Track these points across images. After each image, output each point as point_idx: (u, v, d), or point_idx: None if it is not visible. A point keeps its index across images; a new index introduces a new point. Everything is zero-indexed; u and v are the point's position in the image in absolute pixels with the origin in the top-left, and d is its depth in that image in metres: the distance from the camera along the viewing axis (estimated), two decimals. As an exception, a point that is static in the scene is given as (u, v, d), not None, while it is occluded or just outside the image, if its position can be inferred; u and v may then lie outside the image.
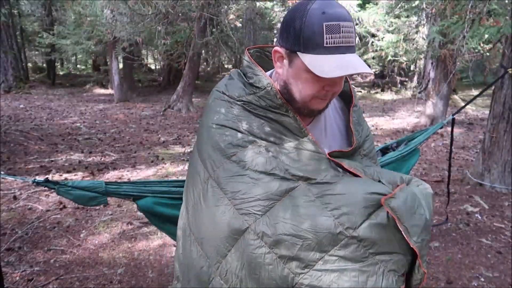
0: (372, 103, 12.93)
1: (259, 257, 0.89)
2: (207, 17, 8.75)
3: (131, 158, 5.53)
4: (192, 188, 1.04)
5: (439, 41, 7.15)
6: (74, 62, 21.96)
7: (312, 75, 0.89)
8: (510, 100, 3.95)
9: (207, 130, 1.03)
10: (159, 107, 10.94)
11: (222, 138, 0.99)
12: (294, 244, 0.87)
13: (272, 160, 0.95)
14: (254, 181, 0.93)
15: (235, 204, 0.93)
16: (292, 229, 0.88)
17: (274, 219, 0.89)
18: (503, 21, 3.95)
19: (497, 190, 4.10)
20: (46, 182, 1.68)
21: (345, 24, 0.86)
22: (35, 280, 2.47)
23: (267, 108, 0.99)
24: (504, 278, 2.57)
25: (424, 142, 2.59)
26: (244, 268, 0.91)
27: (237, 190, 0.93)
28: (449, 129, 2.85)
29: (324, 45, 0.86)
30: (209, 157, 1.00)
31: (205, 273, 0.97)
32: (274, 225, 0.89)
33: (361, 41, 13.51)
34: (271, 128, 0.98)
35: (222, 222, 0.93)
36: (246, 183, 0.93)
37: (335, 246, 0.87)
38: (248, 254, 0.90)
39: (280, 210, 0.90)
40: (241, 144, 0.97)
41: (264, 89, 0.98)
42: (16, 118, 8.32)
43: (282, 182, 0.93)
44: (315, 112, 1.01)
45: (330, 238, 0.87)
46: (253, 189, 0.92)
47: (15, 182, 4.14)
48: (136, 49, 13.16)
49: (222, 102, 1.03)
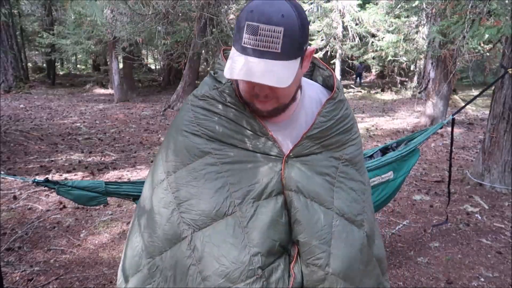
0: (372, 103, 12.93)
1: (186, 266, 0.95)
2: (207, 17, 8.75)
3: (131, 158, 5.53)
4: (148, 184, 1.08)
5: (439, 41, 7.15)
6: (74, 62, 21.97)
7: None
8: (510, 100, 3.95)
9: (172, 131, 1.06)
10: (159, 107, 10.95)
11: (182, 144, 1.01)
12: (213, 266, 0.92)
13: (222, 176, 0.97)
14: (202, 195, 0.96)
15: (181, 211, 0.97)
16: (215, 253, 0.93)
17: (207, 237, 0.94)
18: (503, 21, 3.95)
19: (497, 190, 4.10)
20: (46, 182, 1.68)
21: (266, 28, 0.80)
22: (35, 280, 2.46)
23: (226, 103, 0.98)
24: (504, 278, 2.57)
25: (424, 142, 2.59)
26: (172, 269, 0.97)
27: (186, 199, 0.97)
28: (449, 129, 2.85)
29: (242, 44, 0.83)
30: (168, 160, 1.03)
31: (137, 261, 1.04)
32: (205, 243, 0.94)
33: (361, 41, 13.53)
34: (230, 129, 0.98)
35: (166, 224, 0.98)
36: (195, 195, 0.96)
37: (244, 281, 0.92)
38: (179, 259, 0.96)
39: (214, 231, 0.94)
40: (197, 154, 0.98)
41: (224, 84, 0.99)
42: (16, 118, 8.33)
43: (225, 202, 0.95)
44: (266, 113, 0.96)
45: (243, 273, 0.92)
46: (199, 202, 0.96)
47: (15, 182, 4.14)
48: (136, 49, 13.17)
49: (187, 106, 1.05)
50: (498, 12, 4.22)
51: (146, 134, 7.40)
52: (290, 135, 1.02)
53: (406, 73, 15.72)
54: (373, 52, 12.80)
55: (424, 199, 3.96)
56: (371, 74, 19.37)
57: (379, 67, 16.05)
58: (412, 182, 4.51)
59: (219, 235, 0.94)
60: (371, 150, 2.57)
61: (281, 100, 0.94)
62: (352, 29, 13.31)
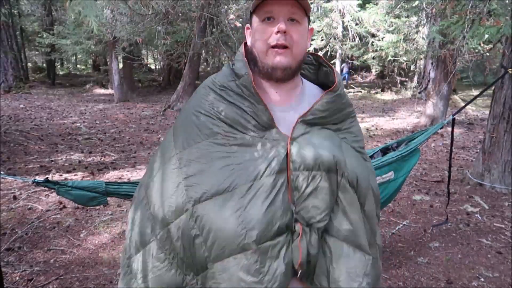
0: (372, 103, 12.93)
1: (191, 237, 1.00)
2: (207, 17, 8.75)
3: (131, 158, 5.53)
4: (159, 158, 1.13)
5: (439, 41, 7.15)
6: (74, 62, 21.97)
7: (262, 24, 1.04)
8: (510, 100, 3.95)
9: (185, 112, 1.13)
10: (159, 107, 10.95)
11: (194, 123, 1.08)
12: (213, 238, 0.98)
13: (229, 156, 1.03)
14: (207, 172, 1.02)
15: (186, 185, 1.02)
16: (214, 225, 0.98)
17: (207, 210, 0.99)
18: (503, 21, 3.95)
19: (497, 190, 4.10)
20: (46, 182, 1.68)
21: None
22: (35, 280, 2.46)
23: (243, 95, 1.06)
24: (504, 278, 2.57)
25: (424, 142, 2.59)
26: (180, 239, 1.02)
27: (192, 174, 1.03)
28: (449, 129, 2.85)
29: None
30: (179, 138, 1.10)
31: (147, 234, 1.08)
32: (204, 216, 0.99)
33: (361, 41, 13.53)
34: (241, 117, 1.05)
35: (173, 197, 1.03)
36: (201, 171, 1.02)
37: (240, 252, 0.97)
38: (184, 230, 1.01)
39: (214, 204, 1.00)
40: (207, 133, 1.05)
41: (242, 76, 1.07)
42: (16, 118, 8.33)
43: (227, 180, 1.01)
44: (279, 72, 1.06)
45: (239, 245, 0.97)
46: (204, 178, 1.01)
47: (15, 182, 4.14)
48: (136, 49, 13.18)
49: (204, 90, 1.13)
50: (498, 12, 4.22)
51: (146, 134, 7.40)
52: (293, 118, 1.08)
53: (406, 73, 15.71)
54: (373, 52, 12.80)
55: (424, 199, 3.96)
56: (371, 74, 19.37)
57: (379, 67, 16.05)
58: (412, 182, 4.51)
59: (219, 208, 0.99)
60: (371, 150, 2.57)
61: (294, 50, 1.05)
62: (352, 29, 13.31)
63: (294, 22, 1.05)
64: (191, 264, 1.03)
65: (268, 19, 1.04)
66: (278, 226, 0.99)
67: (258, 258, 0.97)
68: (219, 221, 0.98)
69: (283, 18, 1.03)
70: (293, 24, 1.04)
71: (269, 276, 0.97)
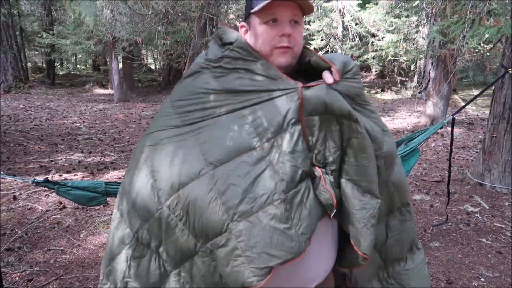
0: (372, 103, 12.93)
1: (206, 201, 1.00)
2: (207, 17, 8.75)
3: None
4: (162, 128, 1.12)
5: (439, 41, 7.14)
6: (74, 62, 21.95)
7: (264, 25, 1.06)
8: (510, 100, 3.95)
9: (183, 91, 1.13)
10: (159, 107, 10.91)
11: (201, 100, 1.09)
12: (240, 196, 0.99)
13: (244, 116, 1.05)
14: (225, 135, 1.04)
15: (202, 151, 1.03)
16: (242, 184, 0.99)
17: (230, 170, 1.00)
18: (503, 21, 3.94)
19: (498, 190, 4.10)
20: (46, 182, 1.68)
21: None
22: (35, 280, 2.46)
23: (240, 58, 1.08)
24: (504, 278, 2.57)
25: (424, 142, 2.59)
26: (191, 204, 1.01)
27: (207, 139, 1.04)
28: (449, 129, 2.85)
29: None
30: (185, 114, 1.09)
31: (154, 203, 1.07)
32: (229, 175, 1.00)
33: (361, 41, 13.52)
34: (249, 79, 1.07)
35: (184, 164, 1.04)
36: (217, 137, 1.04)
37: (271, 203, 0.99)
38: (198, 194, 1.01)
39: (239, 164, 1.01)
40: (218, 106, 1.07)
41: (235, 41, 1.09)
42: (16, 118, 8.32)
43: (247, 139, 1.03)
44: (282, 69, 1.08)
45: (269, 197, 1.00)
46: (222, 141, 1.03)
47: (15, 182, 4.14)
48: (136, 49, 13.16)
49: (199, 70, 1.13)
50: (498, 12, 4.22)
51: (146, 134, 7.39)
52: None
53: (406, 73, 15.69)
54: (373, 52, 12.79)
55: (424, 199, 3.96)
56: (371, 74, 19.36)
57: (379, 67, 16.03)
58: (412, 182, 4.51)
59: (244, 166, 1.01)
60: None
61: (296, 50, 1.09)
62: (352, 29, 13.30)
63: (296, 24, 1.08)
64: (201, 230, 1.04)
65: (272, 22, 1.06)
66: (301, 173, 1.03)
67: (286, 206, 1.00)
68: (247, 177, 1.00)
69: (286, 20, 1.06)
70: (295, 25, 1.08)
71: (296, 221, 1.01)
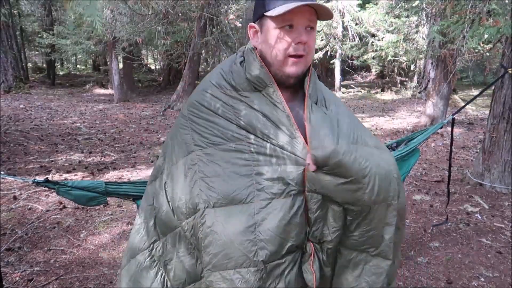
0: (372, 103, 12.92)
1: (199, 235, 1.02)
2: (207, 17, 8.75)
3: (131, 158, 5.53)
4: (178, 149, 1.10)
5: (439, 41, 7.14)
6: (74, 62, 21.94)
7: (280, 30, 1.01)
8: (510, 100, 3.95)
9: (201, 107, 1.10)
10: (159, 107, 10.94)
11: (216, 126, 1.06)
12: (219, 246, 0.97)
13: (249, 165, 1.00)
14: (226, 176, 1.00)
15: (202, 185, 1.01)
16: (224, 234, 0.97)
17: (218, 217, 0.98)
18: (503, 21, 3.94)
19: (497, 190, 4.10)
20: (46, 182, 1.68)
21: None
22: (35, 280, 2.46)
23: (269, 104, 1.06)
24: (504, 278, 2.57)
25: (424, 142, 2.59)
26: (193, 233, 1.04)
27: (210, 175, 1.01)
28: (449, 129, 2.85)
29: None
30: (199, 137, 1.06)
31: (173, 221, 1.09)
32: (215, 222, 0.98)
33: (361, 41, 13.52)
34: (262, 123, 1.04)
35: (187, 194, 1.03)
36: (219, 175, 1.01)
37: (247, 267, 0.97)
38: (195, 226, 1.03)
39: (228, 214, 0.98)
40: (230, 138, 1.03)
41: (265, 85, 1.07)
42: (16, 118, 8.32)
43: (245, 190, 0.98)
44: (292, 80, 1.06)
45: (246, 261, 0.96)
46: (222, 183, 1.00)
47: (15, 182, 4.14)
48: (136, 49, 13.16)
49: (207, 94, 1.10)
50: (497, 12, 4.22)
51: (146, 134, 7.39)
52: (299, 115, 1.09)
53: (406, 73, 15.69)
54: (373, 52, 12.79)
55: (424, 199, 3.96)
56: (371, 74, 19.36)
57: (379, 67, 16.03)
58: (412, 182, 4.51)
59: (231, 218, 0.97)
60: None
61: (309, 58, 1.06)
62: (352, 29, 13.30)
63: (311, 30, 1.04)
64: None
65: (288, 27, 1.01)
66: (290, 246, 0.98)
67: (263, 275, 0.96)
68: (229, 232, 0.96)
69: (302, 27, 1.02)
70: (310, 32, 1.03)
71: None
